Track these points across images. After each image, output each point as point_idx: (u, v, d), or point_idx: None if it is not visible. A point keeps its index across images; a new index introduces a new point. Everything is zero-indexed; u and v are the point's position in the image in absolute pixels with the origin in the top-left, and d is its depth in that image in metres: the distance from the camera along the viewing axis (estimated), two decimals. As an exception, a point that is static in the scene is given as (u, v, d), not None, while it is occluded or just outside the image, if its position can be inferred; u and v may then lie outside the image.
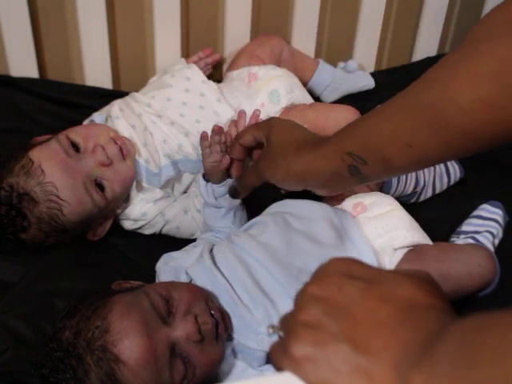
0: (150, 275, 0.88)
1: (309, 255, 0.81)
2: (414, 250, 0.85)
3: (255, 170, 0.82)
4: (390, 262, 0.84)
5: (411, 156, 0.66)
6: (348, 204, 0.91)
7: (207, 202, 0.90)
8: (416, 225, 0.89)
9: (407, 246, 0.86)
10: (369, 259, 0.81)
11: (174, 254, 0.88)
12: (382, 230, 0.86)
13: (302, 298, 0.44)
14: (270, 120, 0.85)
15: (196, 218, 0.97)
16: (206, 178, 0.89)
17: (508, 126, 0.58)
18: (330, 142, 0.74)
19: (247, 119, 0.93)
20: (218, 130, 0.87)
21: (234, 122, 0.92)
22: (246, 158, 0.88)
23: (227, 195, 0.88)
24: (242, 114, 0.93)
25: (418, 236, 0.87)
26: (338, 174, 0.73)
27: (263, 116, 1.07)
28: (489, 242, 0.93)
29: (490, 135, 0.59)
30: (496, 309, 0.36)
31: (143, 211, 0.97)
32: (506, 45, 0.56)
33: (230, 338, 0.77)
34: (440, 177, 1.06)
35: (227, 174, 0.88)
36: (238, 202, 0.90)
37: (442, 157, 0.67)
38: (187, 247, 0.90)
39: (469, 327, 0.36)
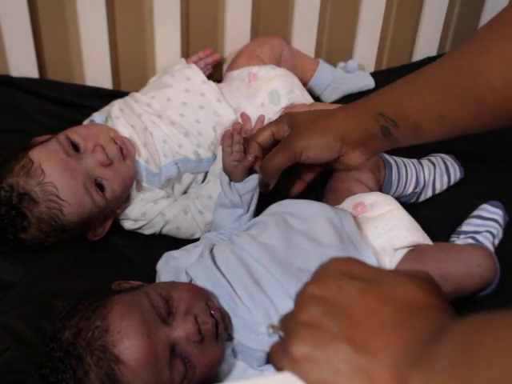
0: (150, 275, 0.88)
1: (309, 255, 0.81)
2: (414, 250, 0.85)
3: (284, 148, 0.83)
4: (390, 262, 0.84)
5: (441, 125, 0.69)
6: (348, 204, 0.91)
7: (232, 200, 0.89)
8: (416, 225, 0.89)
9: (407, 246, 0.86)
10: (369, 259, 0.81)
11: (175, 253, 0.88)
12: (382, 230, 0.86)
13: (301, 298, 0.44)
14: (287, 113, 0.87)
15: (197, 219, 0.97)
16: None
17: None
18: (362, 102, 0.78)
19: (252, 123, 0.93)
20: (239, 129, 0.87)
21: (239, 126, 0.92)
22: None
23: (250, 192, 0.89)
24: (246, 118, 0.93)
25: (418, 236, 0.87)
26: (371, 133, 0.76)
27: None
28: (489, 242, 0.93)
29: None
30: (496, 309, 0.36)
31: (143, 211, 0.97)
32: None
33: (230, 338, 0.77)
34: (440, 177, 1.06)
35: (249, 171, 0.89)
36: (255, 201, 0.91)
37: (470, 128, 0.69)
38: (188, 246, 0.90)
39: (468, 327, 0.36)
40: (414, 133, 0.73)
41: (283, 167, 0.85)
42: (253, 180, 0.89)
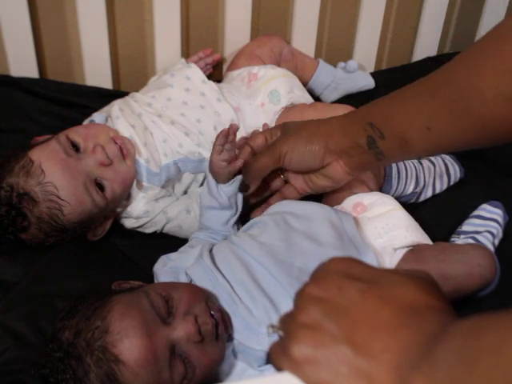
0: (149, 275, 0.88)
1: (309, 255, 0.81)
2: (414, 250, 0.85)
3: (269, 150, 0.83)
4: (390, 261, 0.84)
5: (428, 139, 0.68)
6: (348, 204, 0.91)
7: (220, 202, 0.87)
8: (416, 225, 0.89)
9: (407, 246, 0.86)
10: (369, 259, 0.81)
11: (172, 255, 0.88)
12: (381, 229, 0.86)
13: (301, 299, 0.44)
14: (283, 122, 0.88)
15: (199, 220, 0.97)
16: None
17: None
18: (355, 112, 0.78)
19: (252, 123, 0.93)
20: (235, 130, 0.86)
21: (235, 127, 0.91)
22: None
23: (238, 194, 0.88)
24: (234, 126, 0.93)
25: (418, 236, 0.87)
26: (357, 143, 0.75)
27: (263, 115, 1.08)
28: (489, 242, 0.93)
29: (507, 128, 0.62)
30: (496, 309, 0.36)
31: (145, 209, 0.97)
32: None
33: (230, 339, 0.77)
34: (440, 177, 1.06)
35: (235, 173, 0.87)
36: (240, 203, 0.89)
37: (458, 144, 0.69)
38: (183, 248, 0.90)
39: (468, 329, 0.36)
40: (400, 146, 0.72)
41: (267, 169, 0.85)
42: (237, 181, 0.87)
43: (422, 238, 0.88)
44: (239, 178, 0.87)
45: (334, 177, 0.83)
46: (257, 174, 0.86)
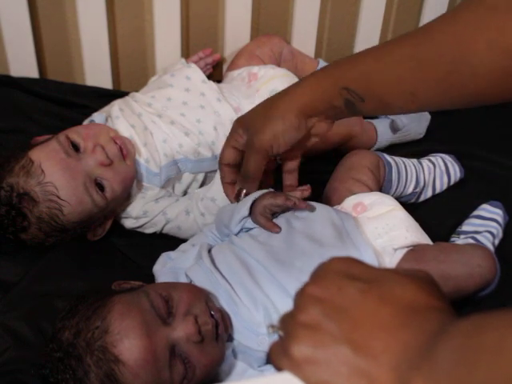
0: (150, 275, 0.87)
1: (310, 255, 0.81)
2: (414, 250, 0.85)
3: (252, 151, 0.79)
4: (390, 262, 0.84)
5: (411, 102, 0.67)
6: (348, 204, 0.91)
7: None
8: (416, 225, 0.89)
9: (407, 246, 0.86)
10: (370, 260, 0.81)
11: (172, 254, 0.88)
12: (382, 230, 0.86)
13: (301, 298, 0.44)
14: (235, 121, 0.83)
15: (198, 221, 0.97)
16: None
17: None
18: (324, 74, 0.74)
19: None
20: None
21: None
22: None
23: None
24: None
25: (418, 236, 0.87)
26: (334, 106, 0.74)
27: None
28: (489, 242, 0.93)
29: (499, 96, 0.61)
30: (496, 309, 0.35)
31: (145, 209, 0.97)
32: None
33: (230, 339, 0.77)
34: (440, 177, 1.06)
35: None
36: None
37: (441, 107, 0.69)
38: (184, 247, 0.90)
39: (468, 328, 0.36)
40: (380, 107, 0.71)
41: (261, 167, 0.81)
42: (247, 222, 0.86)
43: (422, 238, 0.88)
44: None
45: (320, 132, 0.80)
46: (256, 177, 0.82)
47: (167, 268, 0.85)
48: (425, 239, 0.88)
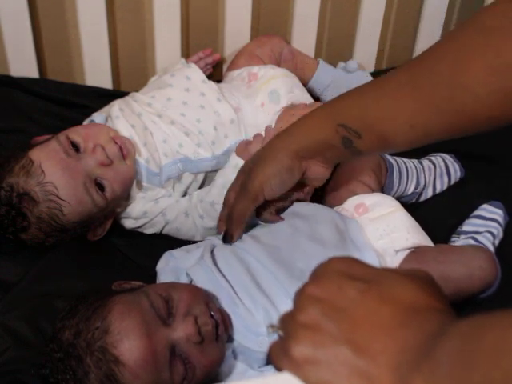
0: (150, 275, 0.87)
1: (311, 256, 0.80)
2: (415, 252, 0.85)
3: (244, 192, 0.78)
4: (391, 263, 0.84)
5: (411, 136, 0.65)
6: (350, 205, 0.91)
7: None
8: (417, 226, 0.89)
9: (408, 248, 0.86)
10: (371, 261, 0.81)
11: (175, 252, 0.88)
12: (383, 231, 0.86)
13: (301, 298, 0.44)
14: (242, 166, 0.84)
15: (197, 223, 0.97)
16: None
17: None
18: (321, 112, 0.72)
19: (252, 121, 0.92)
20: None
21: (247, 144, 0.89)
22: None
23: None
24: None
25: (419, 238, 0.87)
26: (331, 144, 0.71)
27: (263, 115, 1.07)
28: (489, 243, 0.93)
29: (501, 119, 0.61)
30: (496, 310, 0.35)
31: (144, 210, 0.97)
32: None
33: (230, 340, 0.77)
34: (440, 177, 1.06)
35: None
36: None
37: (442, 137, 0.67)
38: (190, 246, 0.89)
39: (468, 329, 0.36)
40: (379, 144, 0.68)
41: (248, 212, 0.79)
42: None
43: (423, 239, 0.88)
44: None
45: (316, 178, 0.79)
46: (239, 220, 0.81)
47: (169, 267, 0.85)
48: (426, 241, 0.88)
